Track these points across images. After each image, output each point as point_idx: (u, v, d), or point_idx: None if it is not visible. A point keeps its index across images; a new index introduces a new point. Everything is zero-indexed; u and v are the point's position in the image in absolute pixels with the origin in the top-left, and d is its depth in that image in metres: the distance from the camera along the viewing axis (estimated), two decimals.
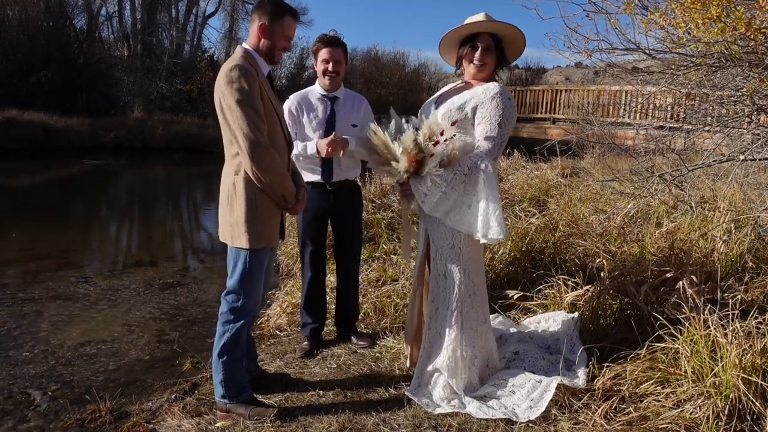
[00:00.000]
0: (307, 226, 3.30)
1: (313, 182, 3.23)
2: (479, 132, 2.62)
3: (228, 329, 2.56)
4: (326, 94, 3.24)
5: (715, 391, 2.30)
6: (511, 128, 2.68)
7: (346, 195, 3.33)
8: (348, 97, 3.31)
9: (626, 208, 4.94)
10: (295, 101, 3.25)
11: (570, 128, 10.20)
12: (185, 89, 22.87)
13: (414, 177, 2.65)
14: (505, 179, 8.27)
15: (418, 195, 2.65)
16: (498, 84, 2.69)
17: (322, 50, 3.19)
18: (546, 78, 28.19)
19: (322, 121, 3.21)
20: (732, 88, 3.72)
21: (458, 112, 2.66)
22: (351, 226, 3.41)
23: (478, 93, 2.67)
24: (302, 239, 3.36)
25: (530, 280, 3.75)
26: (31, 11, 20.28)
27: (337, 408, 2.65)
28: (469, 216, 2.58)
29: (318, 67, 3.22)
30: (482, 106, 2.62)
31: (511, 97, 2.68)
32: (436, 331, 2.73)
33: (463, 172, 2.57)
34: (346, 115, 3.24)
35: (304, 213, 3.22)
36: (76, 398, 3.11)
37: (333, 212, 3.32)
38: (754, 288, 3.18)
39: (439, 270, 2.71)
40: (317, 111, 3.23)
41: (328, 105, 3.23)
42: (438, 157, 2.56)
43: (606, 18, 3.38)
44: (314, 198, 3.22)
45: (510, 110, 2.63)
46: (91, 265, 5.97)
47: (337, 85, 3.24)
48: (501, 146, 2.64)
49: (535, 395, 2.58)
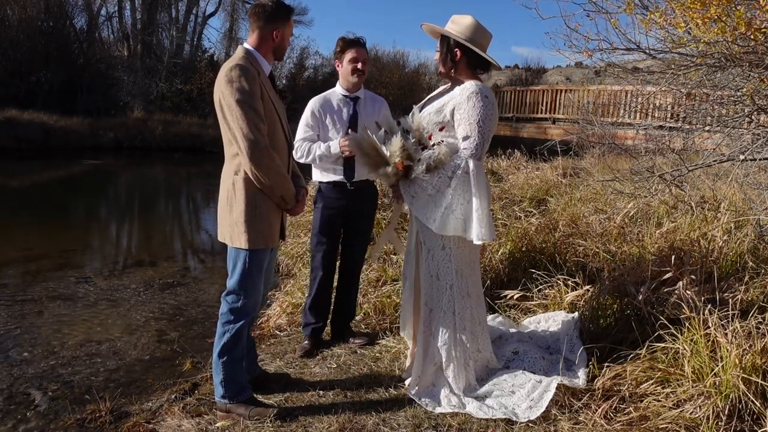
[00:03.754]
0: (323, 224, 3.30)
1: (334, 182, 3.26)
2: (460, 134, 2.63)
3: (228, 329, 2.56)
4: (348, 95, 3.29)
5: (715, 391, 2.30)
6: (492, 125, 2.63)
7: (366, 195, 3.35)
8: (369, 98, 3.37)
9: (626, 208, 4.94)
10: (318, 104, 3.30)
11: (570, 128, 10.20)
12: (185, 89, 22.84)
13: (403, 180, 2.68)
14: (505, 179, 8.28)
15: (407, 198, 2.68)
16: (475, 83, 2.65)
17: (349, 50, 3.23)
18: (546, 78, 28.13)
19: (345, 122, 3.26)
20: (732, 88, 3.71)
21: (437, 115, 2.68)
22: (365, 224, 3.43)
23: (455, 95, 2.68)
24: (317, 237, 3.34)
25: (530, 280, 3.75)
26: (31, 11, 20.26)
27: (337, 408, 2.65)
28: (454, 219, 2.58)
29: (345, 67, 3.25)
30: (459, 107, 2.62)
31: (489, 94, 2.63)
32: (430, 332, 2.73)
33: (447, 175, 2.59)
34: (368, 115, 3.28)
35: (322, 211, 3.25)
36: (76, 398, 3.12)
37: (350, 211, 3.32)
38: (754, 288, 3.17)
39: (431, 271, 2.71)
40: (340, 112, 3.27)
41: (350, 105, 3.28)
42: (424, 162, 2.58)
43: (606, 18, 3.38)
44: (334, 197, 3.26)
45: (488, 108, 2.60)
46: (91, 265, 5.97)
47: (360, 86, 3.30)
48: (483, 145, 2.61)
49: (535, 395, 2.58)
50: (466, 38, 2.65)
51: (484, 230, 2.54)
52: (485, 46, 2.71)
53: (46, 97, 19.19)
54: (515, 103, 17.97)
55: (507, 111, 17.92)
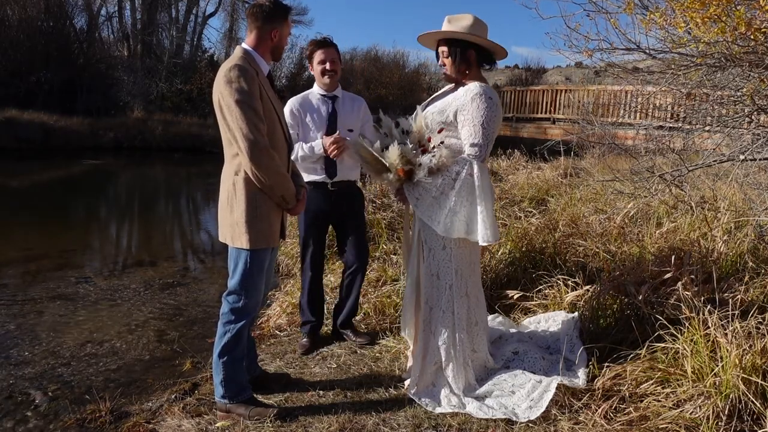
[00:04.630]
0: (308, 227, 3.34)
1: (314, 182, 3.26)
2: (464, 136, 2.63)
3: (229, 329, 2.56)
4: (326, 94, 3.30)
5: (715, 391, 2.30)
6: (496, 127, 2.64)
7: (348, 195, 3.36)
8: (347, 97, 3.38)
9: (626, 208, 4.94)
10: (297, 103, 3.31)
11: (570, 128, 10.20)
12: (185, 89, 22.85)
13: (407, 182, 2.68)
14: (505, 179, 8.28)
15: (412, 200, 2.68)
16: (479, 84, 2.65)
17: (316, 52, 3.25)
18: (546, 78, 28.14)
19: (324, 119, 3.27)
20: (732, 88, 3.71)
21: (439, 115, 2.67)
22: (354, 224, 3.43)
23: (459, 96, 2.68)
24: (304, 239, 3.38)
25: (530, 280, 3.75)
26: (31, 11, 20.25)
27: (337, 408, 2.65)
28: (458, 221, 2.59)
29: (315, 69, 3.28)
30: (463, 108, 2.62)
31: (493, 95, 2.63)
32: (430, 331, 2.74)
33: (451, 177, 2.59)
34: (347, 114, 3.31)
35: (305, 213, 3.24)
36: (76, 398, 3.11)
37: (334, 213, 3.35)
38: (754, 288, 3.17)
39: (432, 270, 2.72)
40: (319, 110, 3.29)
41: (329, 104, 3.29)
42: (425, 166, 2.59)
43: (606, 18, 3.37)
44: (315, 199, 3.25)
45: (492, 109, 2.60)
46: (91, 265, 5.97)
47: (335, 85, 3.30)
48: (487, 147, 2.62)
49: (535, 395, 2.58)
50: (477, 37, 2.64)
51: (489, 232, 2.54)
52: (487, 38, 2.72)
53: (46, 97, 19.19)
54: (515, 103, 17.97)
55: (507, 111, 17.91)
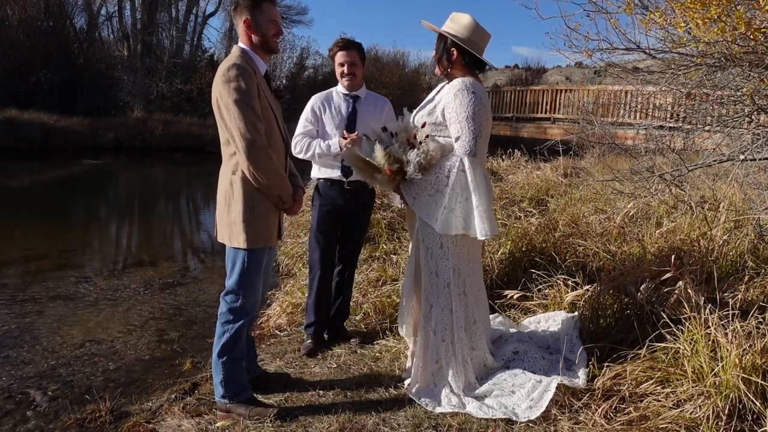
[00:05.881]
0: (321, 222, 3.31)
1: (331, 179, 3.27)
2: (452, 132, 2.63)
3: (227, 329, 2.56)
4: (348, 93, 3.31)
5: (715, 391, 2.30)
6: (483, 120, 2.61)
7: (362, 194, 3.35)
8: (370, 97, 3.38)
9: (626, 208, 4.94)
10: (318, 100, 3.32)
11: (570, 128, 10.20)
12: (185, 89, 22.86)
13: (403, 182, 2.69)
14: (505, 179, 8.28)
15: (409, 200, 2.70)
16: (461, 80, 2.64)
17: (337, 54, 3.26)
18: (546, 78, 28.10)
19: (344, 118, 3.27)
20: (732, 88, 3.71)
21: (429, 116, 2.70)
22: (360, 225, 3.43)
23: (444, 94, 2.69)
24: (315, 236, 3.35)
25: (530, 280, 3.75)
26: (31, 11, 20.29)
27: (337, 408, 2.65)
28: (454, 218, 2.59)
29: (336, 70, 3.30)
30: (448, 105, 2.63)
31: (476, 89, 2.62)
32: (430, 327, 2.74)
33: (444, 174, 2.60)
34: (368, 114, 3.29)
35: (320, 209, 3.26)
36: (76, 398, 3.12)
37: (347, 210, 3.33)
38: (754, 288, 3.17)
39: (430, 268, 2.72)
40: (339, 108, 3.29)
41: (350, 103, 3.30)
42: (413, 162, 2.59)
43: (606, 18, 3.37)
44: (331, 195, 3.27)
45: (476, 102, 2.58)
46: (91, 265, 5.97)
47: (356, 86, 3.31)
48: (476, 140, 2.58)
49: (535, 395, 2.58)
50: (463, 38, 2.64)
51: (487, 226, 2.54)
52: (483, 46, 2.70)
53: (46, 97, 19.21)
54: (515, 103, 17.96)
55: (507, 111, 17.93)
